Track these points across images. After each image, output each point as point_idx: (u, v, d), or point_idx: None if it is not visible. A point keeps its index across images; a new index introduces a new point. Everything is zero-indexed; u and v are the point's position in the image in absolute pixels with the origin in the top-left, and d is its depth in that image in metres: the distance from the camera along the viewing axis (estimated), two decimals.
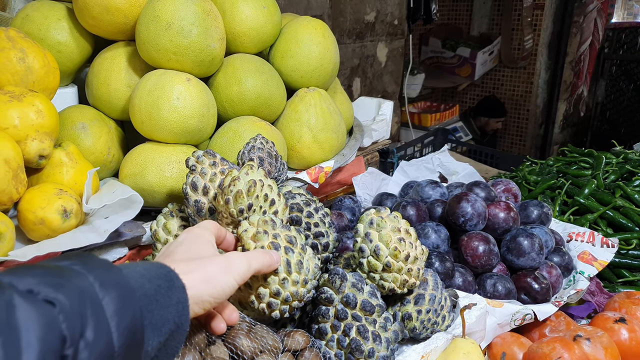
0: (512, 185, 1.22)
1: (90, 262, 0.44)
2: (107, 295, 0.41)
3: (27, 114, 0.89)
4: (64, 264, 0.43)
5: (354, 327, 0.70)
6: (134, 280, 0.46)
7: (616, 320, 0.90)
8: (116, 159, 1.12)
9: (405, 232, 0.77)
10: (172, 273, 0.50)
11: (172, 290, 0.49)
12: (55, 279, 0.40)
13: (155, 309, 0.46)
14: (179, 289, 0.50)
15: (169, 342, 0.48)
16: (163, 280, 0.48)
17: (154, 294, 0.46)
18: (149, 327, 0.45)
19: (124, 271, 0.46)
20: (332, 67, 1.27)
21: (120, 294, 0.42)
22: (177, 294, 0.49)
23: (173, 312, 0.48)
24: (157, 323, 0.46)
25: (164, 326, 0.46)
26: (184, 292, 0.50)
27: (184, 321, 0.49)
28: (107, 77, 1.10)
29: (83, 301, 0.39)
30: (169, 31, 1.01)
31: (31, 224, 0.85)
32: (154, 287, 0.47)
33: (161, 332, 0.46)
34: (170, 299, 0.48)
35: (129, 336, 0.42)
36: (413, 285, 0.78)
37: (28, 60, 0.96)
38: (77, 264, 0.43)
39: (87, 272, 0.42)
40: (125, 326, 0.41)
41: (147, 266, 0.49)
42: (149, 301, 0.45)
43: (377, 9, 2.56)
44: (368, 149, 1.52)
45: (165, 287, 0.48)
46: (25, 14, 1.09)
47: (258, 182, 0.76)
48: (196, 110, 1.02)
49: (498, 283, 0.97)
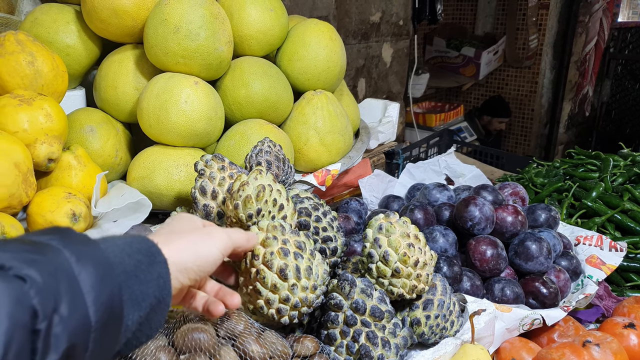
0: (520, 188, 1.22)
1: (67, 237, 0.43)
2: (84, 270, 0.41)
3: (36, 117, 0.90)
4: (42, 239, 0.42)
5: (363, 333, 0.70)
6: (113, 255, 0.46)
7: (625, 325, 0.90)
8: (124, 161, 1.12)
9: (415, 237, 0.77)
10: (154, 248, 0.50)
11: (152, 265, 0.49)
12: (29, 254, 0.39)
13: (135, 284, 0.46)
14: (160, 263, 0.50)
15: (151, 316, 0.48)
16: (144, 255, 0.48)
17: (134, 269, 0.46)
18: (129, 302, 0.45)
19: (102, 246, 0.46)
20: (339, 69, 1.27)
21: (98, 268, 0.42)
22: (158, 269, 0.49)
23: (154, 287, 0.48)
24: (137, 298, 0.46)
25: (144, 301, 0.46)
26: (165, 267, 0.50)
27: (166, 295, 0.49)
28: (115, 80, 1.10)
29: (57, 276, 0.39)
30: (177, 34, 1.01)
31: (40, 227, 0.86)
32: (133, 262, 0.47)
33: (141, 306, 0.46)
34: (151, 273, 0.48)
35: (107, 311, 0.42)
36: (422, 291, 0.77)
37: (37, 64, 0.96)
38: (55, 239, 0.42)
39: (63, 247, 0.42)
40: (103, 301, 0.41)
41: (128, 240, 0.49)
42: (128, 277, 0.45)
43: (383, 9, 2.56)
44: (374, 151, 1.52)
45: (145, 263, 0.48)
46: (34, 17, 1.09)
47: (267, 187, 0.76)
48: (204, 114, 1.02)
49: (506, 287, 0.97)
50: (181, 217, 0.62)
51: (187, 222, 0.61)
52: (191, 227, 0.60)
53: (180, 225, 0.60)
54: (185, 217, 0.62)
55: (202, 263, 0.56)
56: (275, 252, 0.68)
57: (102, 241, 0.47)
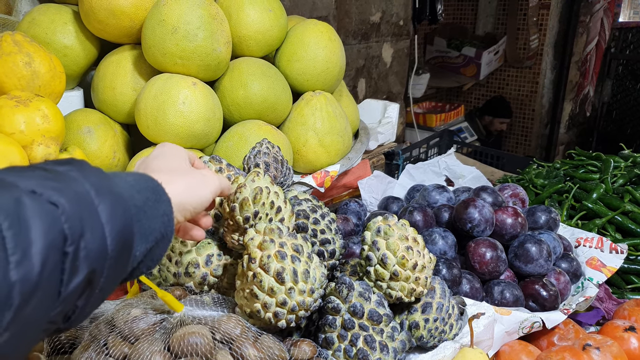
0: (520, 190, 1.21)
1: (85, 169, 0.46)
2: (102, 202, 0.44)
3: (33, 118, 0.89)
4: (62, 169, 0.45)
5: (361, 337, 0.70)
6: (124, 190, 0.48)
7: (626, 328, 0.89)
8: (122, 162, 1.11)
9: (413, 240, 0.76)
10: (160, 187, 0.53)
11: (159, 202, 0.52)
12: (55, 182, 0.42)
13: (144, 219, 0.49)
14: (165, 202, 0.53)
15: (154, 249, 0.51)
16: (151, 192, 0.52)
17: (142, 205, 0.49)
18: (138, 234, 0.48)
19: (115, 180, 0.49)
20: (338, 70, 1.27)
21: (114, 201, 0.45)
22: (164, 207, 0.53)
23: (159, 223, 0.51)
24: (145, 232, 0.49)
25: (150, 235, 0.50)
26: (169, 205, 0.54)
27: (169, 231, 0.53)
28: (113, 81, 1.09)
29: (81, 206, 0.42)
30: (174, 35, 1.01)
31: None
32: (142, 199, 0.50)
33: (148, 239, 0.50)
34: (157, 210, 0.51)
35: (120, 241, 0.45)
36: (421, 294, 0.77)
37: (34, 65, 0.95)
38: (74, 170, 0.45)
39: (83, 179, 0.44)
40: (117, 232, 0.44)
41: (136, 177, 0.52)
42: (138, 211, 0.48)
43: (383, 9, 2.55)
44: (374, 152, 1.51)
45: (152, 200, 0.51)
46: (32, 18, 1.09)
47: (264, 189, 0.75)
48: (202, 115, 1.02)
49: (506, 290, 0.96)
50: (173, 151, 0.64)
51: (181, 160, 0.64)
52: (184, 166, 0.64)
53: (176, 162, 0.63)
54: (173, 151, 0.65)
55: (197, 205, 0.60)
56: (272, 255, 0.68)
57: (114, 175, 0.50)
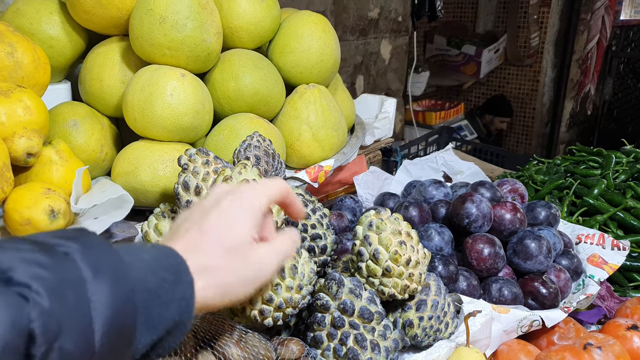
0: (519, 185, 1.18)
1: (88, 246, 0.39)
2: (99, 289, 0.37)
3: (14, 110, 0.86)
4: (60, 245, 0.38)
5: (351, 336, 0.66)
6: (136, 270, 0.41)
7: (628, 327, 0.86)
8: (110, 157, 1.08)
9: (407, 234, 0.73)
10: (182, 266, 0.45)
11: (177, 284, 0.43)
12: (39, 268, 0.36)
13: (154, 305, 0.41)
14: (185, 284, 0.44)
15: (165, 339, 0.43)
16: (169, 272, 0.43)
17: (156, 287, 0.42)
18: (143, 324, 0.41)
19: (126, 259, 0.41)
20: (333, 62, 1.23)
21: (114, 288, 0.38)
22: (182, 289, 0.44)
23: (174, 310, 0.43)
24: (154, 321, 0.41)
25: (160, 324, 0.42)
26: (190, 287, 0.45)
27: (185, 319, 0.44)
28: (100, 73, 1.06)
29: (66, 298, 0.36)
30: (163, 25, 0.98)
31: (17, 224, 0.82)
32: (157, 281, 0.42)
33: (156, 329, 0.42)
34: (174, 294, 0.43)
35: (115, 335, 0.38)
36: (414, 291, 0.74)
37: (17, 55, 0.92)
38: (74, 247, 0.39)
39: (81, 259, 0.38)
40: (112, 325, 0.37)
41: (155, 254, 0.44)
42: (149, 296, 0.41)
43: (381, 5, 2.52)
44: (370, 148, 1.48)
45: (170, 281, 0.43)
46: (16, 8, 1.06)
47: (251, 181, 0.72)
48: (191, 107, 0.99)
49: (504, 287, 0.93)
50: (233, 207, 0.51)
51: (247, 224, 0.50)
52: (235, 248, 0.49)
53: (224, 238, 0.49)
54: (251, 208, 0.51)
55: (226, 305, 0.49)
56: None
57: (127, 252, 0.43)
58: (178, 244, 0.48)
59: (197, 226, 0.50)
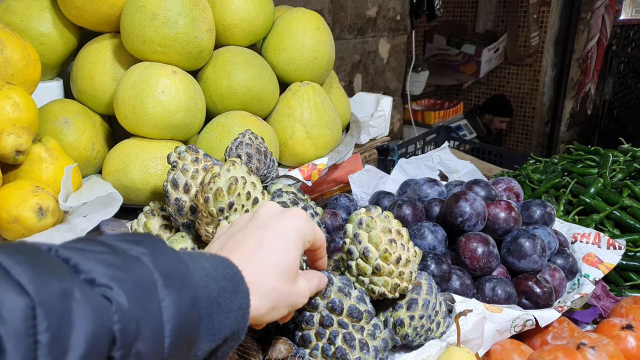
0: (514, 183, 1.17)
1: (158, 253, 0.40)
2: (169, 295, 0.38)
3: (2, 107, 0.85)
4: (131, 251, 0.39)
5: (339, 335, 0.66)
6: (199, 278, 0.42)
7: (623, 327, 0.85)
8: (101, 155, 1.07)
9: (397, 232, 0.72)
10: (239, 275, 0.46)
11: (235, 293, 0.45)
12: (116, 270, 0.36)
13: (215, 313, 0.42)
14: (242, 293, 0.46)
15: (221, 347, 0.44)
16: (228, 282, 0.45)
17: (217, 295, 0.43)
18: (205, 331, 0.41)
19: (190, 266, 0.42)
20: (327, 60, 1.22)
21: (183, 294, 0.39)
22: (240, 299, 0.45)
23: (232, 318, 0.44)
24: (214, 328, 0.42)
25: (220, 332, 0.43)
26: (247, 298, 0.46)
27: (241, 329, 0.45)
28: (92, 70, 1.06)
29: (142, 302, 0.36)
30: (154, 22, 0.97)
31: (5, 222, 0.81)
32: (217, 289, 0.43)
33: (215, 337, 0.42)
34: (233, 303, 0.44)
35: (182, 341, 0.38)
36: (405, 290, 0.73)
37: (6, 52, 0.92)
38: (145, 254, 0.39)
39: (153, 265, 0.38)
40: (180, 332, 0.38)
41: (214, 263, 0.45)
42: (211, 303, 0.42)
43: (379, 4, 2.51)
44: (366, 146, 1.47)
45: (229, 290, 0.44)
46: (7, 5, 1.05)
47: (240, 179, 0.71)
48: (182, 104, 0.98)
49: (497, 287, 0.92)
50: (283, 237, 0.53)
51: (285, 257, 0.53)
52: (285, 272, 0.52)
53: (278, 259, 0.52)
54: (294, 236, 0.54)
55: (271, 320, 0.53)
56: None
57: (190, 260, 0.43)
58: (234, 254, 0.50)
59: (253, 239, 0.52)
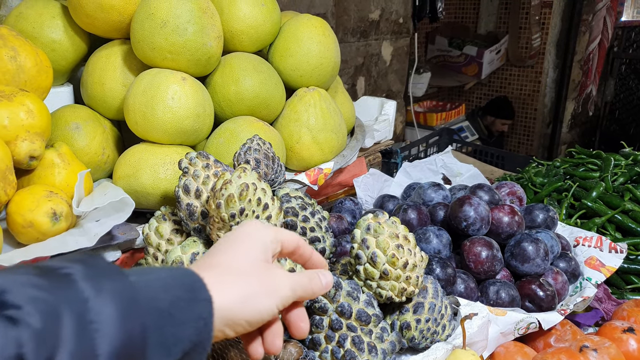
0: (517, 188, 1.18)
1: (91, 268, 0.38)
2: (102, 312, 0.36)
3: (17, 113, 0.87)
4: (61, 267, 0.38)
5: (348, 338, 0.67)
6: (146, 290, 0.40)
7: (624, 330, 0.87)
8: (111, 159, 1.09)
9: (404, 238, 0.74)
10: (199, 284, 0.43)
11: (193, 303, 0.42)
12: (34, 289, 0.34)
13: (167, 325, 0.40)
14: (202, 302, 0.43)
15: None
16: (184, 290, 0.42)
17: (168, 306, 0.40)
18: (155, 346, 0.38)
19: (132, 279, 0.40)
20: (333, 66, 1.24)
21: (119, 308, 0.37)
22: (199, 308, 0.42)
23: (190, 330, 0.41)
24: (167, 342, 0.39)
25: (175, 345, 0.40)
26: (208, 306, 0.43)
27: (204, 339, 0.42)
28: (102, 76, 1.08)
29: (62, 319, 0.34)
30: (164, 29, 0.99)
31: (20, 227, 0.83)
32: (169, 299, 0.40)
33: (171, 352, 0.40)
34: (190, 313, 0.41)
35: (122, 357, 0.36)
36: (412, 294, 0.75)
37: (20, 59, 0.94)
38: (76, 269, 0.37)
39: (83, 279, 0.37)
40: (118, 347, 0.35)
41: (172, 273, 0.44)
42: (160, 316, 0.39)
43: (382, 7, 2.53)
44: (370, 150, 1.49)
45: (185, 299, 0.41)
46: (19, 12, 1.07)
47: (251, 185, 0.73)
48: (191, 110, 1.00)
49: (501, 290, 0.94)
50: (242, 238, 0.52)
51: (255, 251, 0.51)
52: (255, 262, 0.50)
53: (237, 258, 0.50)
54: (246, 237, 0.52)
55: (255, 320, 0.47)
56: None
57: (138, 273, 0.42)
58: (193, 267, 0.48)
59: (209, 252, 0.51)
